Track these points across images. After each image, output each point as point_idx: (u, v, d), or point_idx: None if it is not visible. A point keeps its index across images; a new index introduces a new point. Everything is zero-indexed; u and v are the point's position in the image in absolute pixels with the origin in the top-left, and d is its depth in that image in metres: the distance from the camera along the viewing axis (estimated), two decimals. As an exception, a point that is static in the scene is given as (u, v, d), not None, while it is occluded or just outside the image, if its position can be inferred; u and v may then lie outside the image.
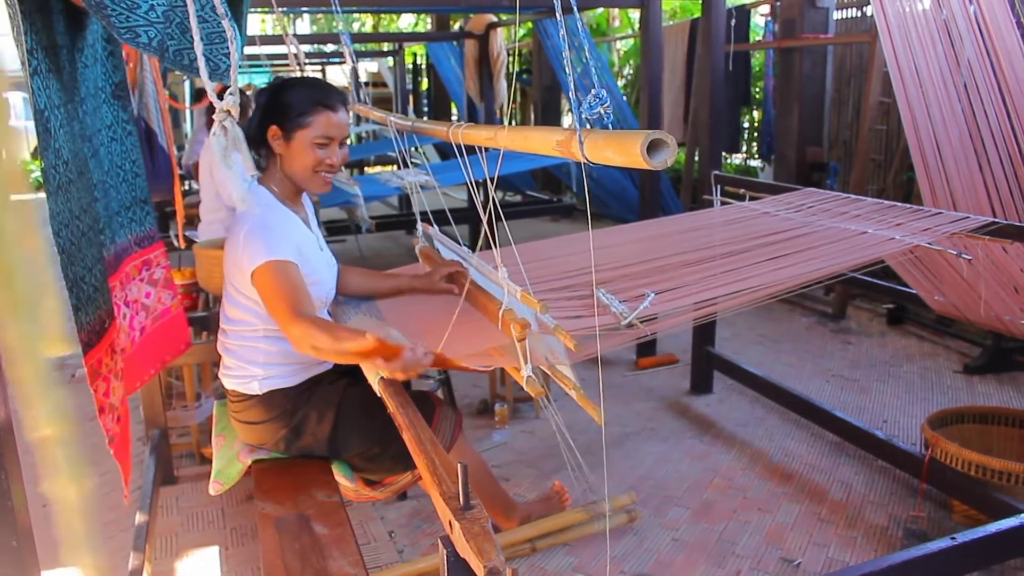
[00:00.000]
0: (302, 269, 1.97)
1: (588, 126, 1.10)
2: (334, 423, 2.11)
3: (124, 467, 1.95)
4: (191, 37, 1.66)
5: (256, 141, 2.07)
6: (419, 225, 2.70)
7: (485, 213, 1.60)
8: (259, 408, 2.10)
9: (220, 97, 1.43)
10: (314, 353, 1.81)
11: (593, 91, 1.06)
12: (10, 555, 1.08)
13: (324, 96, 2.04)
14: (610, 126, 1.07)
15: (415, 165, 4.87)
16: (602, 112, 1.06)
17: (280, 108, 2.02)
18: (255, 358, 2.09)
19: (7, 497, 1.07)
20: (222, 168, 1.40)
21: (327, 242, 2.33)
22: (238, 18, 1.96)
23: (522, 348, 1.63)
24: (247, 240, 1.95)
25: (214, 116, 1.29)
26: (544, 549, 2.60)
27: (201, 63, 1.33)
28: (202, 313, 3.70)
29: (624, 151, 0.99)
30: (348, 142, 2.16)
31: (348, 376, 2.16)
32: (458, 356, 1.79)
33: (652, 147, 0.97)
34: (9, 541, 1.08)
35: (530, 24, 8.67)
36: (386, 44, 10.95)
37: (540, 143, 1.25)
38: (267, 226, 1.97)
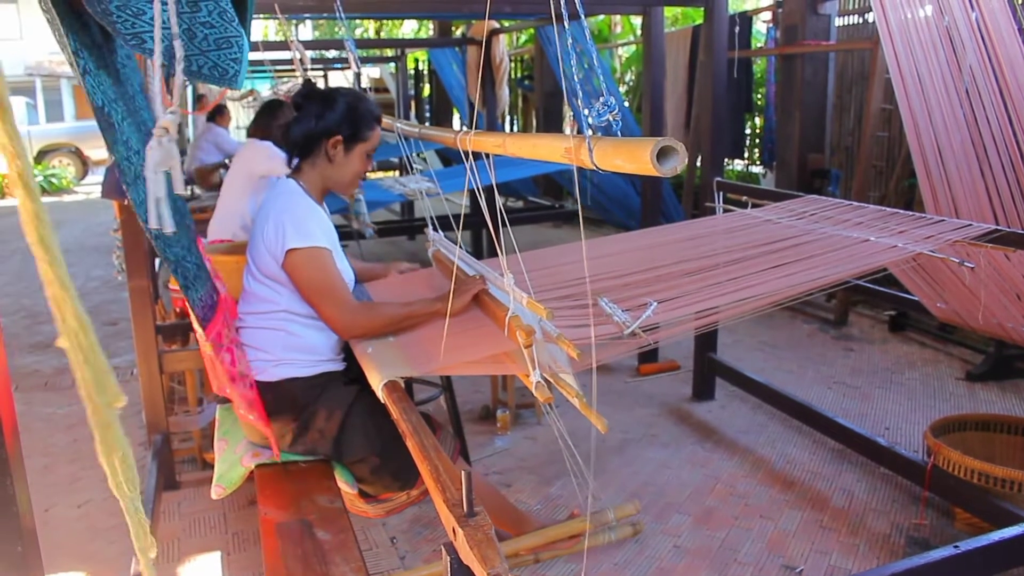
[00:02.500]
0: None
1: (591, 132, 1.10)
2: (341, 423, 2.12)
3: (269, 430, 2.09)
4: (201, 43, 1.68)
5: (303, 145, 2.18)
6: (429, 230, 2.72)
7: (488, 219, 1.61)
8: (269, 398, 2.11)
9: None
10: (364, 334, 2.06)
11: (601, 98, 1.06)
12: (14, 560, 1.09)
13: (379, 113, 2.24)
14: (619, 133, 1.07)
15: (419, 171, 4.87)
16: (611, 119, 1.06)
17: (349, 121, 2.15)
18: (273, 340, 2.12)
19: (12, 502, 1.07)
20: (148, 180, 1.41)
21: None
22: (243, 24, 1.97)
23: (529, 354, 1.63)
24: (281, 222, 2.05)
25: (153, 130, 1.31)
26: (547, 559, 2.59)
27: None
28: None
29: (634, 158, 1.00)
30: None
31: (360, 381, 2.17)
32: (467, 361, 1.82)
33: (662, 154, 0.98)
34: (14, 546, 1.08)
35: (532, 30, 8.68)
36: (388, 50, 10.96)
37: (548, 150, 1.25)
38: (300, 212, 2.08)
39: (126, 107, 1.81)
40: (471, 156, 1.58)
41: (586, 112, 1.08)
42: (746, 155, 7.64)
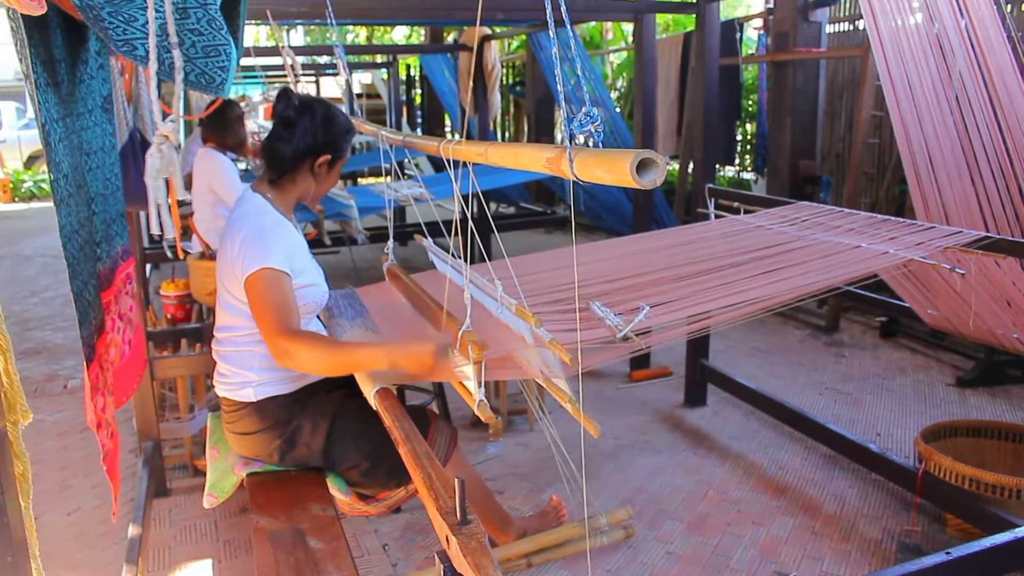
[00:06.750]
0: (295, 277, 2.00)
1: (582, 139, 1.10)
2: (328, 434, 2.10)
3: (115, 483, 1.95)
4: (189, 50, 1.67)
5: (290, 162, 2.08)
6: (390, 243, 2.66)
7: (472, 227, 1.60)
8: (253, 417, 2.10)
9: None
10: (294, 367, 1.90)
11: (584, 109, 1.06)
12: (5, 570, 1.07)
13: (352, 125, 2.18)
14: (600, 145, 1.06)
15: (409, 177, 4.87)
16: (592, 130, 1.06)
17: (336, 141, 2.11)
18: (250, 363, 2.08)
19: (2, 512, 1.06)
20: (149, 187, 1.42)
21: (317, 253, 2.36)
22: (234, 30, 1.97)
23: (476, 372, 1.60)
24: (243, 246, 1.97)
25: (154, 138, 1.33)
26: (539, 564, 2.59)
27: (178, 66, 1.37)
28: (195, 325, 3.68)
29: (613, 170, 0.99)
30: None
31: (344, 387, 2.16)
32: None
33: (641, 166, 0.97)
34: (4, 556, 1.07)
35: (524, 36, 8.70)
36: (380, 56, 10.97)
37: (530, 160, 1.24)
38: (263, 232, 2.00)
39: (65, 128, 1.80)
40: (459, 164, 1.58)
41: (573, 120, 1.08)
42: (736, 161, 7.68)
